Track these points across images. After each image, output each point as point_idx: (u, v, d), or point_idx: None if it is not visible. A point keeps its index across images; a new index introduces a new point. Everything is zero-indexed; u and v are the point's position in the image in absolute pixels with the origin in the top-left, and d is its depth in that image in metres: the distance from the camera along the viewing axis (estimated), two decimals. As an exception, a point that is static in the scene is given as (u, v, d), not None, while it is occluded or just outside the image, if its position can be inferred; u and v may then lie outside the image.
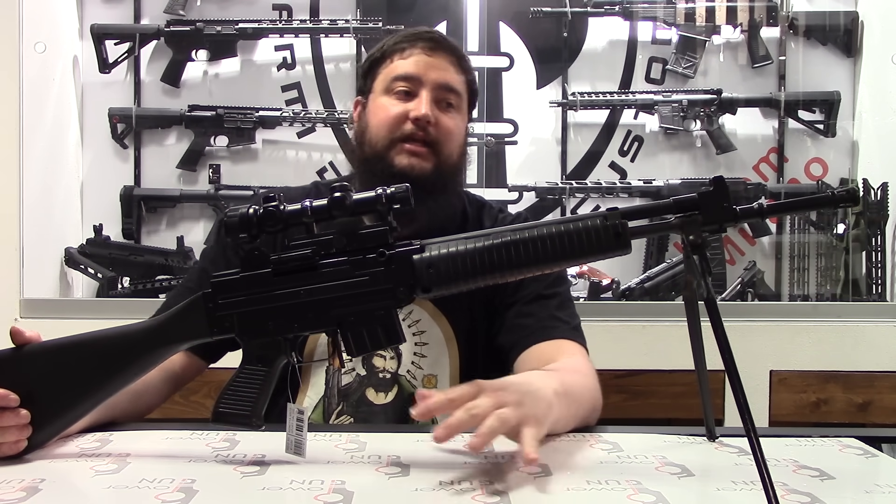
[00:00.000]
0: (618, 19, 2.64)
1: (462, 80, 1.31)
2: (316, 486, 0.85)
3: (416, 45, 1.29)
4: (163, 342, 0.98)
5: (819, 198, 0.96)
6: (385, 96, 1.29)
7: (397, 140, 1.26)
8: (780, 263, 2.65)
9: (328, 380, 1.30)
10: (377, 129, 1.28)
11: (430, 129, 1.25)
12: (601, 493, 0.84)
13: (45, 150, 2.43)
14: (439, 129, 1.26)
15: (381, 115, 1.28)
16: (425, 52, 1.28)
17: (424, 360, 1.30)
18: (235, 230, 0.95)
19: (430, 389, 0.94)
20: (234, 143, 2.62)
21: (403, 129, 1.25)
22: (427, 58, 1.28)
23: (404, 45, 1.30)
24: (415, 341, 1.30)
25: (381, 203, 0.93)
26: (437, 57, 1.29)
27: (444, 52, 1.30)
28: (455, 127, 1.29)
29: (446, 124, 1.27)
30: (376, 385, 1.29)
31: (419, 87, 1.27)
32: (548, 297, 1.28)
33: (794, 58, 2.66)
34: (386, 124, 1.27)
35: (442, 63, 1.29)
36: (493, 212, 1.40)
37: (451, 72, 1.29)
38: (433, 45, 1.29)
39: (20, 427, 0.95)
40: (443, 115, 1.27)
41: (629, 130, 2.69)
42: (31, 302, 2.25)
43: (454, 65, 1.30)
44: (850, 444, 1.05)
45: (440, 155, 1.26)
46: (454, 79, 1.30)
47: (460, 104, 1.31)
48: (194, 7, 2.64)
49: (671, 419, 2.06)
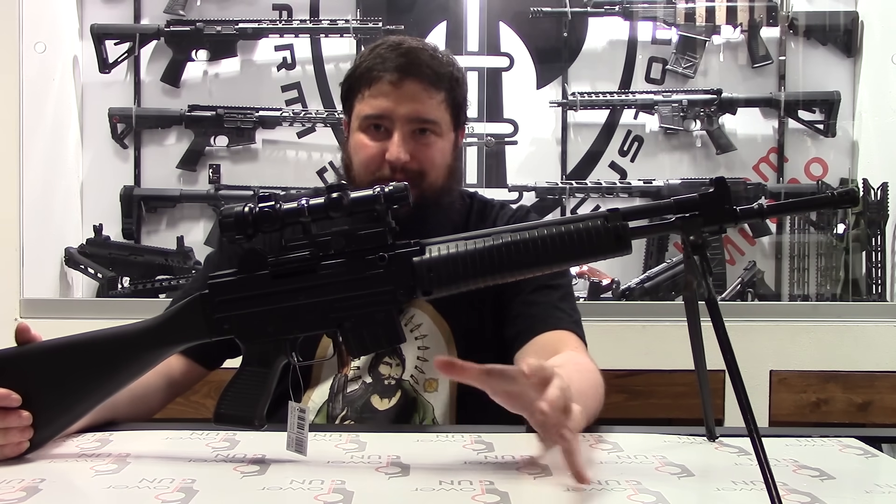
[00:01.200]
0: (618, 19, 2.64)
1: (438, 100, 1.25)
2: (316, 486, 0.85)
3: (384, 78, 1.22)
4: (161, 343, 0.98)
5: (819, 198, 0.96)
6: (361, 133, 1.26)
7: (377, 181, 1.20)
8: (780, 263, 2.65)
9: (333, 384, 1.30)
10: (358, 168, 1.26)
11: (407, 166, 1.22)
12: (601, 493, 0.84)
13: (45, 150, 2.43)
14: (418, 161, 1.24)
15: (361, 154, 1.25)
16: (393, 84, 1.22)
17: (426, 364, 1.29)
18: (231, 230, 0.94)
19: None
20: (234, 143, 2.62)
21: (382, 170, 1.23)
22: (395, 90, 1.22)
23: (373, 73, 1.24)
24: (417, 345, 1.29)
25: (380, 202, 0.93)
26: (405, 87, 1.22)
27: (413, 77, 1.23)
28: (436, 152, 1.26)
29: (423, 155, 1.24)
30: (381, 392, 1.29)
31: (392, 123, 1.23)
32: (551, 288, 1.28)
33: (794, 58, 2.66)
34: (365, 165, 1.25)
35: (411, 92, 1.23)
36: (495, 209, 1.39)
37: (421, 99, 1.23)
38: (400, 75, 1.22)
39: (22, 429, 0.95)
40: (420, 146, 1.24)
41: (629, 130, 2.69)
42: (31, 302, 2.25)
43: (427, 88, 1.24)
44: (850, 444, 1.05)
45: (422, 185, 1.23)
46: (426, 107, 1.24)
47: (438, 127, 1.26)
48: (194, 7, 2.64)
49: (671, 419, 2.06)
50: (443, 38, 2.64)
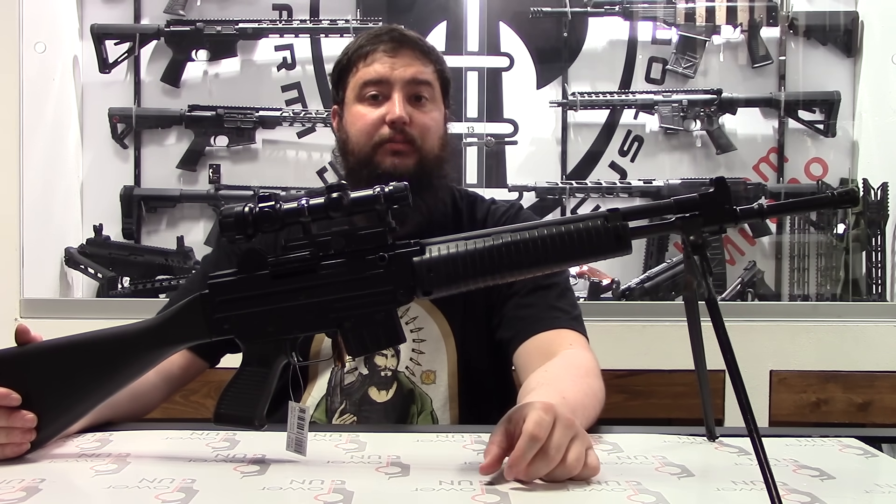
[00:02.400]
0: (618, 19, 2.64)
1: (431, 69, 1.31)
2: (316, 486, 0.85)
3: (378, 49, 1.29)
4: (161, 343, 0.98)
5: (819, 198, 0.96)
6: (358, 104, 1.30)
7: (378, 144, 1.27)
8: (780, 263, 2.65)
9: (331, 378, 1.30)
10: (357, 137, 1.29)
11: (407, 129, 1.26)
12: (601, 493, 0.84)
13: (45, 150, 2.43)
14: (416, 125, 1.27)
15: (359, 123, 1.28)
16: (388, 53, 1.28)
17: (423, 357, 1.30)
18: (231, 230, 0.94)
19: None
20: (234, 143, 2.62)
21: (382, 133, 1.27)
22: (391, 59, 1.28)
23: (367, 48, 1.30)
24: (412, 338, 1.30)
25: (380, 202, 0.93)
26: (400, 55, 1.29)
27: (406, 48, 1.30)
28: (432, 120, 1.30)
29: (422, 120, 1.28)
30: (378, 383, 1.29)
31: (389, 88, 1.27)
32: (546, 288, 1.28)
33: (794, 58, 2.66)
34: (364, 131, 1.28)
35: (406, 59, 1.29)
36: (484, 205, 1.40)
37: (417, 65, 1.29)
38: (395, 45, 1.29)
39: (25, 430, 0.95)
40: (417, 112, 1.28)
41: (629, 130, 2.69)
42: (31, 302, 2.25)
43: (420, 58, 1.30)
44: (850, 444, 1.05)
45: (422, 150, 1.27)
46: (422, 71, 1.30)
47: (433, 95, 1.31)
48: (194, 7, 2.64)
49: (671, 419, 2.06)
50: (443, 38, 2.64)
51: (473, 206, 1.39)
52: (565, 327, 1.24)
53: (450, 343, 1.30)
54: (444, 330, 1.31)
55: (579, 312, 1.29)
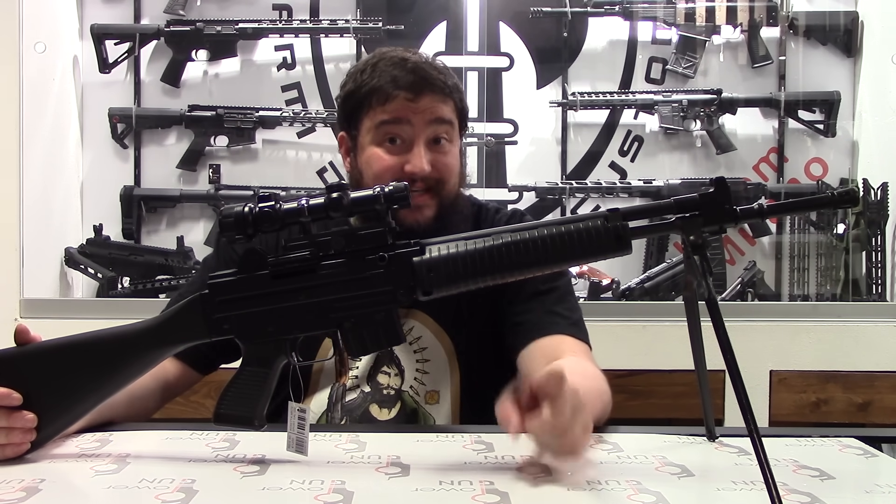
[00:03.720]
0: (618, 19, 2.64)
1: (451, 106, 1.25)
2: (316, 486, 0.85)
3: (399, 95, 1.21)
4: (161, 343, 0.98)
5: (819, 198, 0.96)
6: (376, 147, 1.23)
7: None
8: (780, 263, 2.65)
9: (332, 394, 1.29)
10: (374, 182, 1.19)
11: (428, 176, 1.22)
12: (601, 493, 0.84)
13: (45, 150, 2.43)
14: (437, 170, 1.23)
15: (376, 167, 1.22)
16: (408, 99, 1.21)
17: (427, 377, 1.29)
18: (231, 230, 0.94)
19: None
20: (234, 143, 2.62)
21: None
22: (412, 104, 1.22)
23: (387, 90, 1.22)
24: (416, 358, 1.29)
25: (380, 203, 0.93)
26: (422, 99, 1.22)
27: (427, 91, 1.22)
28: (452, 160, 1.25)
29: (443, 162, 1.24)
30: (380, 401, 1.28)
31: (410, 133, 1.22)
32: (545, 293, 1.27)
33: (794, 58, 2.66)
34: (382, 178, 1.20)
35: (427, 102, 1.22)
36: (489, 213, 1.38)
37: (438, 106, 1.23)
38: (415, 91, 1.21)
39: (25, 430, 0.95)
40: (438, 155, 1.23)
41: (629, 130, 2.69)
42: (31, 302, 2.25)
43: (440, 97, 1.24)
44: (850, 444, 1.05)
45: (441, 193, 1.23)
46: (444, 111, 1.24)
47: (452, 133, 1.26)
48: (194, 7, 2.64)
49: (671, 419, 2.06)
50: (443, 38, 2.64)
51: (478, 214, 1.38)
52: (564, 333, 1.23)
53: (454, 364, 1.29)
54: (449, 350, 1.29)
55: (579, 317, 1.27)
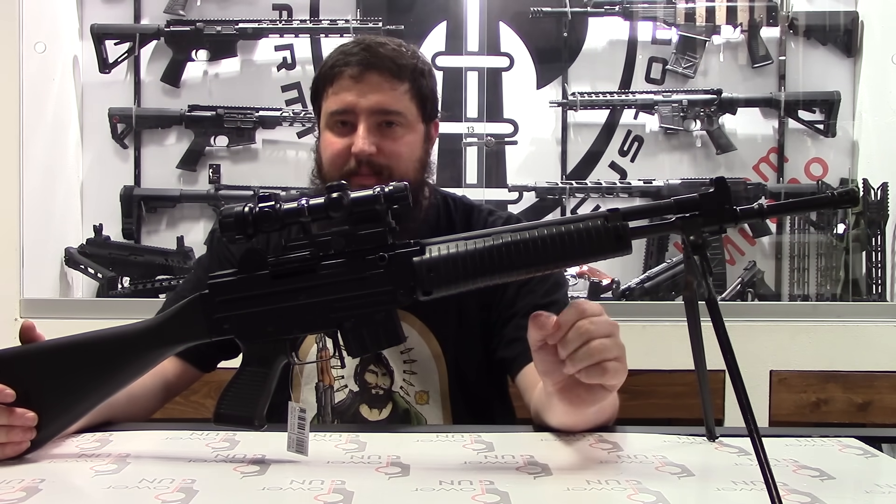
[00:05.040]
0: (618, 19, 2.64)
1: (401, 91, 1.25)
2: (316, 486, 0.85)
3: (345, 74, 1.23)
4: (161, 343, 0.98)
5: (819, 198, 0.96)
6: (328, 131, 1.26)
7: (346, 176, 1.22)
8: (780, 263, 2.65)
9: (320, 397, 1.30)
10: (327, 166, 1.26)
11: (373, 159, 1.22)
12: (601, 493, 0.84)
13: (45, 150, 2.43)
14: (384, 155, 1.23)
15: (328, 152, 1.26)
16: (353, 79, 1.23)
17: (415, 377, 1.29)
18: (231, 230, 0.94)
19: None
20: (234, 143, 2.62)
21: (349, 164, 1.23)
22: (356, 84, 1.23)
23: (335, 70, 1.24)
24: (403, 359, 1.29)
25: (380, 203, 0.93)
26: (366, 81, 1.23)
27: (373, 71, 1.23)
28: (402, 146, 1.25)
29: (391, 148, 1.24)
30: (370, 402, 1.29)
31: (355, 117, 1.23)
32: (545, 307, 1.26)
33: (794, 58, 2.66)
34: (332, 161, 1.25)
35: (372, 85, 1.23)
36: (482, 215, 1.36)
37: (384, 91, 1.23)
38: (361, 69, 1.23)
39: (25, 428, 0.95)
40: (386, 140, 1.23)
41: (629, 130, 2.69)
42: (31, 302, 2.25)
43: (388, 80, 1.23)
44: (850, 444, 1.05)
45: (391, 179, 1.22)
46: (389, 98, 1.24)
47: (405, 120, 1.25)
48: (194, 7, 2.64)
49: (671, 419, 2.06)
50: (443, 38, 2.64)
51: (469, 216, 1.36)
52: None
53: (440, 364, 1.29)
54: (436, 351, 1.29)
55: None
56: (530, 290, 1.25)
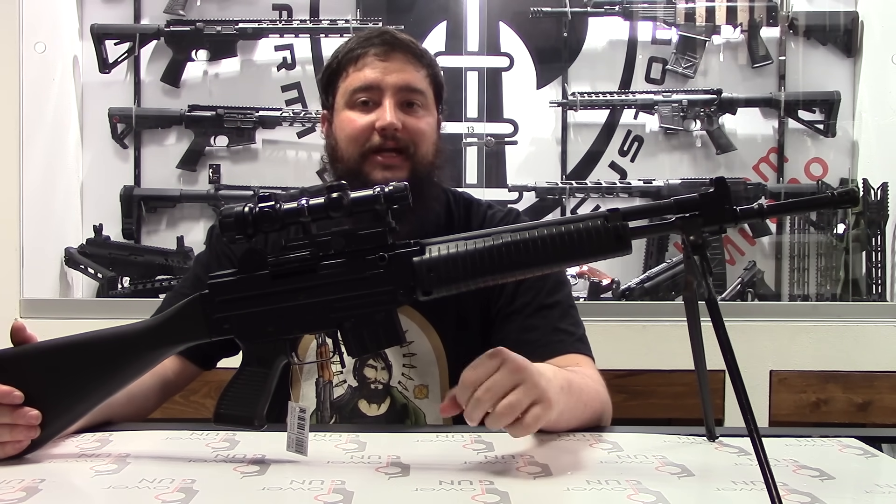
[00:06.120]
0: (618, 19, 2.64)
1: (423, 75, 1.27)
2: (316, 486, 0.85)
3: (369, 53, 1.25)
4: (161, 343, 0.98)
5: (819, 198, 0.96)
6: (348, 110, 1.26)
7: (368, 153, 1.23)
8: (780, 263, 2.65)
9: (319, 392, 1.29)
10: (346, 144, 1.25)
11: (398, 135, 1.23)
12: (601, 493, 0.84)
13: (45, 150, 2.43)
14: (408, 132, 1.24)
15: (348, 129, 1.25)
16: (379, 57, 1.24)
17: (414, 371, 1.29)
18: (231, 230, 0.94)
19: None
20: (234, 143, 2.62)
21: (372, 140, 1.23)
22: (382, 63, 1.24)
23: (357, 52, 1.26)
24: (403, 353, 1.28)
25: (380, 202, 0.93)
26: (392, 60, 1.25)
27: (398, 52, 1.25)
28: (425, 126, 1.26)
29: (415, 126, 1.24)
30: (368, 396, 1.29)
31: (380, 94, 1.23)
32: (549, 307, 1.26)
33: (794, 58, 2.66)
34: (354, 138, 1.24)
35: (398, 65, 1.25)
36: (481, 209, 1.37)
37: (409, 71, 1.25)
38: (386, 49, 1.25)
39: (29, 427, 0.95)
40: (409, 118, 1.24)
41: (629, 130, 2.69)
42: (31, 302, 2.25)
43: (412, 62, 1.26)
44: (850, 444, 1.05)
45: (414, 158, 1.24)
46: (414, 77, 1.26)
47: (426, 101, 1.27)
48: (194, 7, 2.64)
49: (671, 419, 2.06)
50: (443, 38, 2.64)
51: (469, 210, 1.37)
52: (571, 351, 1.22)
53: (441, 359, 1.29)
54: (436, 346, 1.29)
55: (583, 331, 1.27)
56: (532, 287, 1.25)
